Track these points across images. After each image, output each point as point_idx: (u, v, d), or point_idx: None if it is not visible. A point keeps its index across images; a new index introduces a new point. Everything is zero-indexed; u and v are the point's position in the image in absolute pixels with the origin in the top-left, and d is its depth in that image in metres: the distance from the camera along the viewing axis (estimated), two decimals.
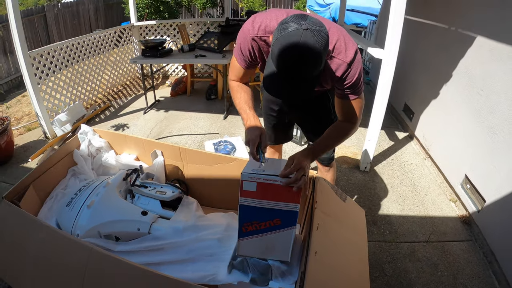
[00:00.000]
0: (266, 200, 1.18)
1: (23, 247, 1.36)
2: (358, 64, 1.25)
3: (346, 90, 1.30)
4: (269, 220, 1.21)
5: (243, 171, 1.17)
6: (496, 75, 2.24)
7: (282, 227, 1.21)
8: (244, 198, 1.19)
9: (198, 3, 9.86)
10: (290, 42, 0.95)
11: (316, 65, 0.99)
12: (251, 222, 1.23)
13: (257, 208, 1.19)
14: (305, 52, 0.95)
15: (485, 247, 2.16)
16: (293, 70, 0.99)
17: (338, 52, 1.22)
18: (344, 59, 1.22)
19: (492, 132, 2.23)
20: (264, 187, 1.16)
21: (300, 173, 1.17)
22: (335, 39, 1.21)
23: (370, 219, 2.41)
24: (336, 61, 1.23)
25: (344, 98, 1.33)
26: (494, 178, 2.18)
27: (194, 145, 3.47)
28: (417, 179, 2.91)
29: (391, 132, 3.79)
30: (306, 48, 0.94)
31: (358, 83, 1.28)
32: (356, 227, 1.42)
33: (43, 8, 7.62)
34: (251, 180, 1.16)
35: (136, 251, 1.49)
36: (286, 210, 1.18)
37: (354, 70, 1.24)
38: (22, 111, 4.65)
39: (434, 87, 3.12)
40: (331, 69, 1.25)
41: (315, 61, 0.98)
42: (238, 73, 1.49)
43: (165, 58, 3.94)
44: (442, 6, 3.15)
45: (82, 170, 1.95)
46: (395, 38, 2.38)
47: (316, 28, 0.96)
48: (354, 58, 1.23)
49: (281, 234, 1.22)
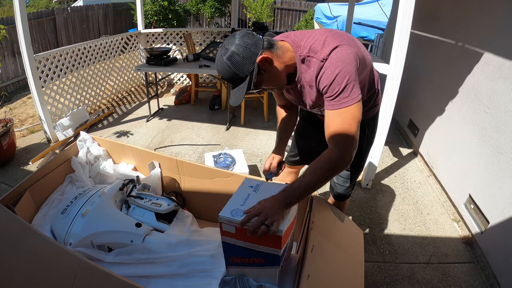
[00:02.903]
0: (247, 242, 1.13)
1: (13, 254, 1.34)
2: (336, 61, 1.13)
3: (327, 94, 1.17)
4: (252, 257, 1.16)
5: (221, 214, 1.11)
6: (504, 93, 2.20)
7: (266, 265, 1.17)
8: (225, 237, 1.15)
9: (206, 12, 9.94)
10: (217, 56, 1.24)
11: (225, 70, 1.20)
12: (236, 256, 1.20)
13: (239, 246, 1.15)
14: (219, 65, 1.22)
15: (487, 269, 2.11)
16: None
17: (315, 52, 1.19)
18: (318, 57, 1.17)
19: (498, 152, 2.18)
20: (242, 230, 1.09)
21: (260, 220, 1.05)
22: (311, 42, 1.21)
23: (370, 238, 2.36)
24: (313, 61, 1.20)
25: (326, 108, 1.19)
26: (498, 199, 2.13)
27: (195, 155, 3.45)
28: (420, 198, 2.86)
29: (395, 148, 3.74)
30: (218, 61, 1.22)
31: (339, 86, 1.13)
32: (353, 249, 1.38)
33: (53, 11, 7.72)
34: (228, 223, 1.11)
35: (128, 263, 1.48)
36: (267, 252, 1.12)
37: (331, 69, 1.13)
38: (27, 113, 4.67)
39: (440, 104, 3.08)
40: (311, 71, 1.22)
41: (222, 67, 1.20)
42: (277, 97, 1.65)
43: (169, 67, 3.93)
44: (450, 21, 3.13)
45: (79, 178, 1.95)
46: (400, 53, 2.36)
47: (224, 45, 1.20)
48: (329, 54, 1.14)
49: (266, 270, 1.18)
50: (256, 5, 10.55)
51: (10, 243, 1.37)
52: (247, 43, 1.17)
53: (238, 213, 1.11)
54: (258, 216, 1.07)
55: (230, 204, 1.17)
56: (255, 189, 1.26)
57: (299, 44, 1.24)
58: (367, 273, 2.05)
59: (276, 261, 1.14)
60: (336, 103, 1.15)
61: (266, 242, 1.10)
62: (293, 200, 1.14)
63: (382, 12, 7.16)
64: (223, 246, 1.19)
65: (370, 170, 2.86)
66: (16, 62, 6.07)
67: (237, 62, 1.16)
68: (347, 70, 1.12)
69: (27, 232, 1.36)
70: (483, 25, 2.56)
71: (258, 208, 1.09)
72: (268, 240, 1.08)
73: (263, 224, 1.05)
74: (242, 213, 1.11)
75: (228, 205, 1.17)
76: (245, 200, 1.20)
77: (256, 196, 1.22)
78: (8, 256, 1.35)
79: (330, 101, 1.17)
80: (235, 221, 1.09)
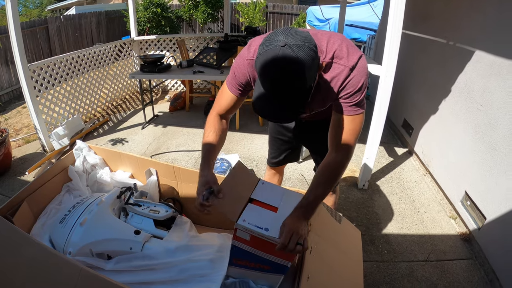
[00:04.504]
0: (258, 250, 1.15)
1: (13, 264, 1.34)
2: (362, 71, 1.16)
3: (347, 100, 1.18)
4: (259, 263, 1.18)
5: (238, 222, 1.12)
6: (496, 90, 2.23)
7: (271, 272, 1.18)
8: (237, 241, 1.16)
9: (199, 17, 9.98)
10: (269, 58, 0.93)
11: (298, 78, 0.94)
12: (241, 259, 1.21)
13: (248, 252, 1.17)
14: (284, 66, 0.92)
15: (486, 265, 2.13)
16: (276, 86, 0.96)
17: (340, 58, 1.14)
18: (346, 64, 1.14)
19: (492, 148, 2.21)
20: (258, 240, 1.11)
21: (294, 241, 1.07)
22: (335, 46, 1.15)
23: (368, 238, 2.38)
24: (336, 66, 1.15)
25: (341, 113, 1.20)
26: (494, 194, 2.15)
27: (191, 161, 3.46)
28: (417, 196, 2.88)
29: (390, 148, 3.77)
30: (285, 62, 0.91)
31: (360, 94, 1.17)
32: (351, 250, 1.40)
33: (46, 20, 7.72)
34: (245, 231, 1.12)
35: (128, 270, 1.48)
36: (277, 262, 1.14)
37: (357, 77, 1.15)
38: (22, 123, 4.66)
39: (433, 102, 3.11)
40: (333, 76, 1.17)
41: (297, 73, 0.93)
42: (225, 103, 1.39)
43: (163, 73, 3.93)
44: (441, 20, 3.17)
45: (76, 186, 1.95)
46: (392, 53, 2.38)
47: (296, 43, 0.92)
48: (357, 63, 1.14)
49: (269, 276, 1.20)
50: (249, 9, 10.62)
51: (10, 253, 1.37)
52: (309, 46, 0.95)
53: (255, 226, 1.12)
54: (291, 238, 1.08)
55: (247, 213, 1.17)
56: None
57: (322, 49, 1.15)
58: (366, 272, 2.06)
59: (283, 271, 1.16)
60: (353, 110, 1.19)
61: (279, 254, 1.12)
62: (312, 213, 1.19)
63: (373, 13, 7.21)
64: (232, 248, 1.20)
65: (366, 171, 2.88)
66: (10, 72, 6.05)
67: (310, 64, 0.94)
68: (367, 80, 1.17)
69: (26, 242, 1.35)
70: (474, 23, 2.60)
71: (287, 231, 1.09)
72: (281, 253, 1.11)
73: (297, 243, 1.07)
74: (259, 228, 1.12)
75: (245, 214, 1.17)
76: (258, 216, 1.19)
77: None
78: (8, 266, 1.35)
79: (347, 107, 1.19)
80: (252, 229, 1.10)
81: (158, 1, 9.35)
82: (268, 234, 1.09)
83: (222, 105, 1.41)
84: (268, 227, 1.10)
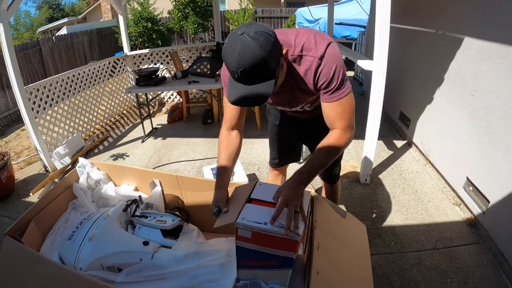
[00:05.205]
0: (262, 246, 1.16)
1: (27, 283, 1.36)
2: (332, 58, 1.21)
3: (327, 90, 1.26)
4: (265, 261, 1.19)
5: (238, 221, 1.14)
6: (488, 75, 2.27)
7: (279, 267, 1.19)
8: (240, 241, 1.18)
9: (189, 28, 10.03)
10: (229, 46, 1.04)
11: (258, 58, 1.01)
12: (249, 259, 1.22)
13: (253, 250, 1.18)
14: (241, 50, 1.01)
15: (494, 248, 2.14)
16: (241, 69, 1.03)
17: (309, 50, 1.22)
18: (315, 54, 1.22)
19: (489, 132, 2.23)
20: (259, 236, 1.13)
21: (291, 211, 1.12)
22: (303, 40, 1.23)
23: (374, 232, 2.39)
24: (307, 58, 1.23)
25: (326, 101, 1.29)
26: (495, 177, 2.18)
27: (193, 171, 3.48)
28: (419, 186, 2.90)
29: (389, 141, 3.80)
30: (242, 47, 1.01)
31: (337, 80, 1.23)
32: (358, 244, 1.41)
33: (38, 42, 7.76)
34: (245, 229, 1.14)
35: (139, 281, 1.49)
36: (282, 256, 1.16)
37: (328, 65, 1.21)
38: (22, 145, 4.68)
39: (428, 92, 3.14)
40: (305, 68, 1.25)
41: (253, 55, 1.01)
42: (230, 113, 1.44)
43: (159, 86, 3.96)
44: (429, 11, 3.21)
45: (82, 203, 1.96)
46: (383, 47, 2.42)
47: (253, 30, 1.03)
48: (325, 51, 1.21)
49: (278, 272, 1.21)
50: (238, 16, 10.68)
51: (22, 272, 1.39)
52: (268, 33, 1.05)
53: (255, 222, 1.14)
54: (287, 207, 1.14)
55: (246, 212, 1.19)
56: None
57: (290, 44, 1.24)
58: (375, 265, 2.07)
59: (290, 264, 1.17)
60: (336, 95, 1.26)
61: (282, 247, 1.13)
62: (309, 180, 1.26)
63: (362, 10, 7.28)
64: (237, 249, 1.21)
65: (367, 165, 2.90)
66: (6, 96, 6.08)
67: (268, 48, 1.03)
68: (341, 64, 1.23)
69: (37, 261, 1.38)
70: (460, 11, 2.64)
71: (282, 200, 1.15)
72: (284, 244, 1.12)
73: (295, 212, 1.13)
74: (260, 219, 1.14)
75: (244, 212, 1.19)
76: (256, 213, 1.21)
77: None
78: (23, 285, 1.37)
79: (330, 94, 1.27)
80: (252, 226, 1.12)
81: (148, 15, 9.42)
82: (267, 227, 1.10)
83: (228, 118, 1.46)
84: (267, 221, 1.12)
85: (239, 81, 1.09)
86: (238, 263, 1.26)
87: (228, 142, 1.45)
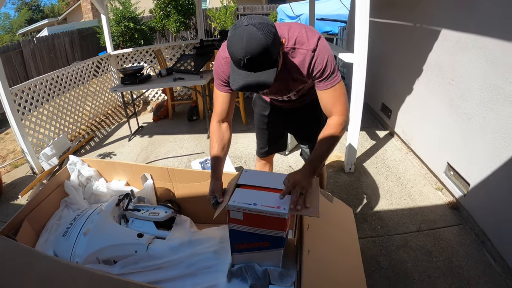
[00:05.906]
0: (253, 227, 1.22)
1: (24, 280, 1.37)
2: (324, 50, 1.33)
3: (321, 78, 1.36)
4: (258, 242, 1.25)
5: (229, 203, 1.20)
6: (464, 64, 2.36)
7: (271, 248, 1.25)
8: (233, 224, 1.23)
9: (171, 27, 9.98)
10: (236, 35, 1.11)
11: (263, 46, 1.09)
12: (242, 242, 1.28)
13: (245, 232, 1.23)
14: (249, 39, 1.08)
15: (476, 228, 2.24)
16: (248, 56, 1.10)
17: (301, 43, 1.33)
18: (308, 48, 1.32)
19: (467, 118, 2.33)
20: (250, 216, 1.19)
21: (297, 191, 1.19)
22: (296, 34, 1.33)
23: (361, 217, 2.48)
24: (300, 51, 1.33)
25: (322, 88, 1.39)
26: (474, 161, 2.28)
27: (181, 166, 3.50)
28: (402, 173, 2.99)
29: (372, 132, 3.90)
30: (249, 36, 1.09)
31: (329, 69, 1.34)
32: (345, 225, 1.48)
33: (19, 44, 7.63)
34: (236, 210, 1.19)
35: (135, 272, 1.51)
36: (272, 235, 1.21)
37: (321, 56, 1.32)
38: (7, 149, 4.62)
39: (408, 83, 3.24)
40: (300, 60, 1.35)
41: (260, 44, 1.09)
42: (220, 105, 1.51)
43: (145, 84, 3.97)
44: (406, 4, 3.30)
45: (74, 200, 1.97)
46: (363, 40, 2.50)
47: (258, 22, 1.11)
48: (317, 44, 1.32)
49: (270, 253, 1.27)
50: (220, 14, 10.67)
51: (20, 270, 1.40)
52: (270, 24, 1.14)
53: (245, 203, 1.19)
54: (294, 189, 1.20)
55: (236, 195, 1.25)
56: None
57: (284, 37, 1.32)
58: (363, 248, 2.15)
59: (281, 243, 1.22)
60: (329, 83, 1.37)
61: (271, 226, 1.19)
62: (317, 169, 1.33)
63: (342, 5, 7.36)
64: (230, 233, 1.26)
65: (351, 154, 2.98)
66: None
67: (271, 38, 1.12)
68: (331, 55, 1.35)
69: (34, 257, 1.39)
70: (437, 3, 2.73)
71: (292, 182, 1.22)
72: (273, 223, 1.18)
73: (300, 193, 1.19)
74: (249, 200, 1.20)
75: (234, 196, 1.24)
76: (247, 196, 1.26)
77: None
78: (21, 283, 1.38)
79: (324, 82, 1.37)
80: (243, 207, 1.17)
81: (130, 15, 9.34)
82: (256, 207, 1.16)
83: (218, 109, 1.53)
84: (256, 202, 1.18)
85: (244, 69, 1.16)
86: (232, 247, 1.31)
87: (219, 134, 1.52)
